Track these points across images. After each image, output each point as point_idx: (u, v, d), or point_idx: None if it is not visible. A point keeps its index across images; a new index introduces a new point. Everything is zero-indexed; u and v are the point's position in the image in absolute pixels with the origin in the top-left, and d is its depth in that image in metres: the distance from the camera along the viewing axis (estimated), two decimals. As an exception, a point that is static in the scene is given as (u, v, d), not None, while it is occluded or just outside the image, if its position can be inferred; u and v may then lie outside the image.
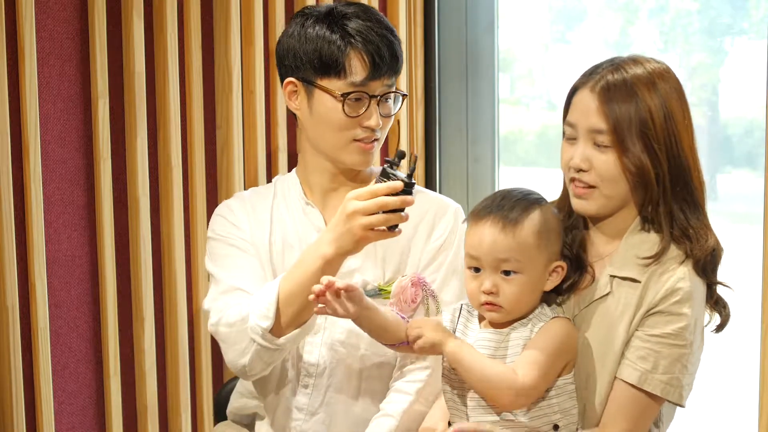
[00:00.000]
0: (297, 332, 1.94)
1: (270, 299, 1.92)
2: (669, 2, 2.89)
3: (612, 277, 1.84)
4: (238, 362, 1.98)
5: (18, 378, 2.22)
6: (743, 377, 2.58)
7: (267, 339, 1.93)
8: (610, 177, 1.80)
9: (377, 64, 1.99)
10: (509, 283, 1.75)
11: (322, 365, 2.07)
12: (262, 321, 1.92)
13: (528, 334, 1.76)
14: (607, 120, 1.78)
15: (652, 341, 1.78)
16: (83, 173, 2.37)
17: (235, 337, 1.97)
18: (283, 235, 2.12)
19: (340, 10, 2.04)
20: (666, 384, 1.78)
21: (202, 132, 2.56)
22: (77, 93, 2.35)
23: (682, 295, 1.78)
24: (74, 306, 2.38)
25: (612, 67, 1.83)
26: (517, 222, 1.75)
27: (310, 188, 2.15)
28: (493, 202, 1.79)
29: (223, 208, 2.18)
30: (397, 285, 2.07)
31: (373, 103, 2.02)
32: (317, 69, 2.01)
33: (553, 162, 3.21)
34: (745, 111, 2.79)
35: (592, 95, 1.81)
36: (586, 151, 1.82)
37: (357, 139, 2.04)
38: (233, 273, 2.06)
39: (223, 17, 2.57)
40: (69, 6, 2.32)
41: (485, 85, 2.97)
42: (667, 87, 1.81)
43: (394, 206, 1.79)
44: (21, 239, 2.24)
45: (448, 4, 2.96)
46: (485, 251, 1.76)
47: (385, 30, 2.02)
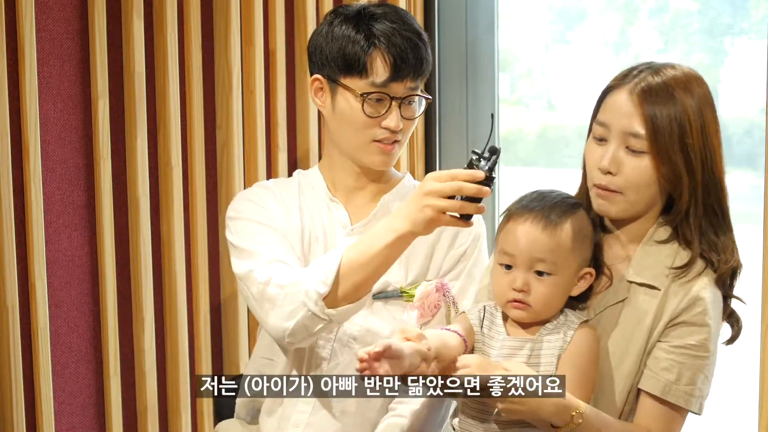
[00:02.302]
0: (349, 307, 1.91)
1: (331, 267, 1.89)
2: (669, 2, 2.89)
3: (629, 282, 1.83)
4: (282, 325, 1.94)
5: (18, 378, 2.23)
6: (743, 377, 2.58)
7: (319, 306, 1.89)
8: (640, 183, 1.77)
9: (399, 66, 1.99)
10: (541, 283, 1.75)
11: (333, 360, 2.07)
12: (320, 287, 1.89)
13: (561, 344, 1.75)
14: (645, 124, 1.75)
15: (676, 352, 1.78)
16: (83, 173, 2.37)
17: (285, 299, 1.93)
18: (310, 226, 2.11)
19: (370, 10, 2.04)
20: (689, 395, 1.78)
21: (202, 132, 2.56)
22: (77, 93, 2.35)
23: (705, 306, 1.77)
24: (74, 306, 2.38)
25: (648, 70, 1.79)
26: (558, 223, 1.75)
27: (334, 185, 2.14)
28: (534, 200, 1.78)
29: (248, 193, 2.16)
30: (423, 289, 2.06)
31: (394, 104, 2.02)
32: (341, 67, 2.02)
33: (553, 162, 3.21)
34: (745, 111, 2.79)
35: (631, 97, 1.77)
36: (618, 154, 1.78)
37: (376, 139, 2.04)
38: (272, 247, 2.03)
39: (223, 17, 2.57)
40: (69, 6, 2.32)
41: (485, 85, 2.97)
42: (702, 94, 1.78)
43: (469, 193, 1.76)
44: (21, 239, 2.24)
45: (448, 4, 2.96)
46: (522, 249, 1.75)
47: (412, 33, 2.02)
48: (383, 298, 2.07)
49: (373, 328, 2.05)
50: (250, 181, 2.63)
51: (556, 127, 3.18)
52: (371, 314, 2.06)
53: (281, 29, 2.67)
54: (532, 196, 1.80)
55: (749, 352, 2.31)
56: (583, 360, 1.75)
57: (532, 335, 1.78)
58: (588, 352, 1.76)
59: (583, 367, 1.74)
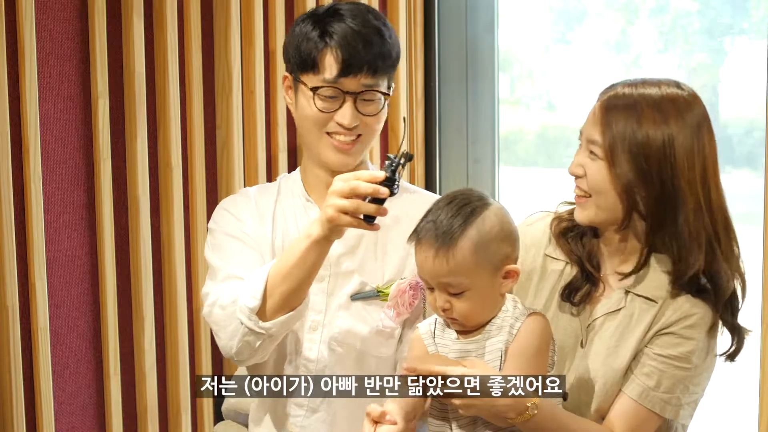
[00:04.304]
0: (284, 318, 1.92)
1: (259, 280, 1.92)
2: (669, 2, 2.89)
3: (627, 292, 1.85)
4: (228, 344, 1.97)
5: (18, 378, 2.23)
6: (743, 377, 2.58)
7: (253, 320, 1.91)
8: (600, 187, 1.79)
9: (349, 61, 1.99)
10: (459, 299, 1.73)
11: (322, 362, 2.08)
12: (250, 301, 1.91)
13: (507, 337, 1.74)
14: (602, 132, 1.77)
15: (658, 360, 1.80)
16: (83, 173, 2.37)
17: (226, 319, 1.96)
18: (284, 231, 2.12)
19: (337, 8, 2.05)
20: (665, 402, 1.80)
21: (202, 132, 2.56)
22: (77, 93, 2.35)
23: (695, 321, 1.79)
24: (74, 306, 2.38)
25: (627, 83, 1.81)
26: (450, 245, 1.70)
27: (309, 185, 2.15)
28: (429, 221, 1.75)
29: (227, 202, 2.18)
30: (396, 288, 2.07)
31: (348, 99, 2.02)
32: (298, 65, 2.04)
33: (553, 162, 3.22)
34: (745, 111, 2.79)
35: (598, 105, 1.81)
36: (581, 158, 1.82)
37: (328, 132, 2.04)
38: (233, 262, 2.06)
39: (223, 17, 2.57)
40: (69, 6, 2.32)
41: (485, 86, 2.97)
42: (680, 115, 1.77)
43: (365, 192, 1.77)
44: (21, 239, 2.24)
45: (448, 4, 2.96)
46: (426, 276, 1.75)
47: (369, 29, 2.02)
48: (361, 299, 2.08)
49: (353, 329, 2.05)
50: (250, 181, 2.64)
51: (556, 127, 3.18)
52: (350, 316, 2.07)
53: (281, 29, 2.67)
54: (429, 213, 1.76)
55: (749, 352, 2.31)
56: (530, 349, 1.72)
57: (479, 335, 1.77)
58: (536, 341, 1.73)
59: (529, 356, 1.72)
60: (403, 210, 2.06)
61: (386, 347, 2.08)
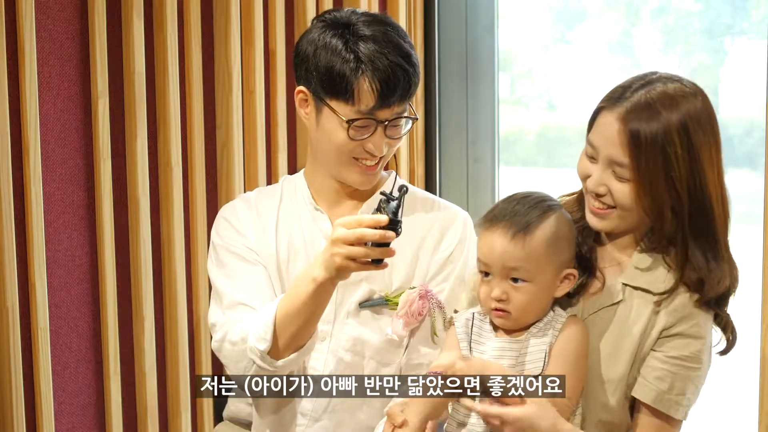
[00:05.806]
0: (295, 355, 1.93)
1: (267, 321, 1.91)
2: (670, 3, 2.89)
3: (625, 285, 1.84)
4: (240, 376, 1.96)
5: (18, 378, 2.22)
6: (743, 377, 2.58)
7: (266, 361, 1.92)
8: (627, 206, 1.78)
9: (386, 93, 1.94)
10: (518, 290, 1.75)
11: (327, 372, 2.07)
12: (260, 343, 1.91)
13: (549, 339, 1.75)
14: (631, 157, 1.73)
15: (670, 362, 1.79)
16: (83, 173, 2.37)
17: (238, 356, 1.97)
18: (289, 241, 2.09)
19: (358, 29, 1.97)
20: (677, 404, 1.80)
21: (202, 132, 2.56)
22: (77, 93, 2.35)
23: (700, 318, 1.79)
24: (74, 306, 2.38)
25: (639, 85, 1.77)
26: (527, 232, 1.73)
27: (317, 193, 2.11)
28: (506, 208, 1.77)
29: (227, 211, 2.15)
30: (405, 298, 2.05)
31: (380, 129, 1.97)
32: (326, 89, 1.96)
33: (553, 162, 3.22)
34: (745, 111, 2.80)
35: (617, 121, 1.75)
36: (604, 177, 1.78)
37: (356, 157, 2.00)
38: (237, 286, 2.04)
39: (223, 17, 2.57)
40: (69, 6, 2.32)
41: (485, 85, 2.98)
42: (704, 132, 1.76)
43: (372, 239, 1.75)
44: (21, 239, 2.24)
45: (448, 4, 2.96)
46: (494, 259, 1.75)
47: (401, 56, 1.96)
48: (369, 307, 2.07)
49: (361, 336, 2.04)
50: (250, 181, 2.64)
51: (556, 127, 3.19)
52: (359, 324, 2.06)
53: (281, 29, 2.67)
54: (507, 201, 1.79)
55: (749, 352, 2.31)
56: (571, 355, 1.75)
57: (519, 336, 1.78)
58: (576, 347, 1.76)
59: (571, 362, 1.74)
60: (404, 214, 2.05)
61: (393, 354, 2.07)
